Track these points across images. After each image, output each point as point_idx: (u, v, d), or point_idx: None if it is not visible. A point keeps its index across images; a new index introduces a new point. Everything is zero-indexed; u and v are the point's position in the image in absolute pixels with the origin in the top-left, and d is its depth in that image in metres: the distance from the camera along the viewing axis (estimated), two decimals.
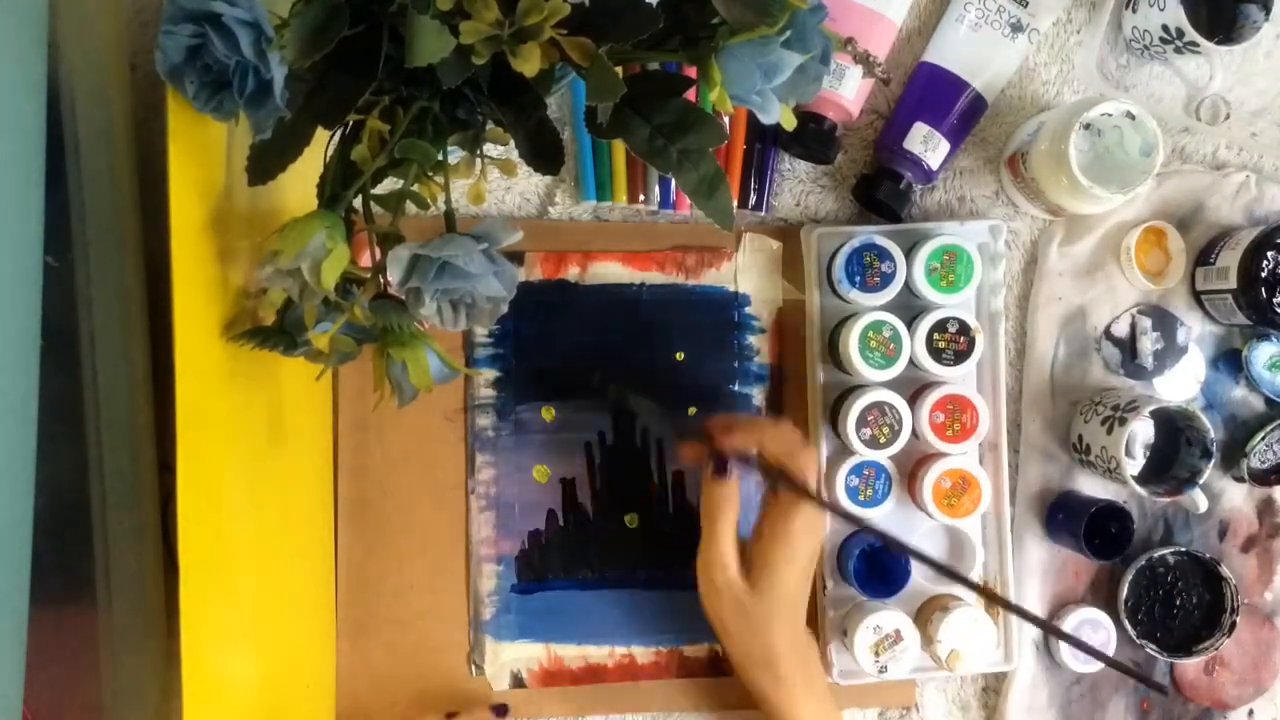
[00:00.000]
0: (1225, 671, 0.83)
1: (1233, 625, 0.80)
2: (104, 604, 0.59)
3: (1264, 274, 0.77)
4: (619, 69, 0.49)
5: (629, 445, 0.80)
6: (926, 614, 0.79)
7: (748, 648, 0.71)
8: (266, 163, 0.50)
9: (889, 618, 0.77)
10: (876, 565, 0.78)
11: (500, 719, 0.76)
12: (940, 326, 0.77)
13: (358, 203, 0.54)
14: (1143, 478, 0.79)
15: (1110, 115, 0.74)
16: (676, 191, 0.79)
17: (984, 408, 0.77)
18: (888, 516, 0.79)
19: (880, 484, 0.79)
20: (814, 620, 0.80)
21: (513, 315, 0.77)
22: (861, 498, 0.78)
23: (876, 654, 0.76)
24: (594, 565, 0.79)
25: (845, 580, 0.78)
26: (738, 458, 0.70)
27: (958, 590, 0.79)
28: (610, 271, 0.80)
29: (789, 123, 0.52)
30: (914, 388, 0.79)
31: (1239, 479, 0.83)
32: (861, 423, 0.76)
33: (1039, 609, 0.82)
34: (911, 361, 0.77)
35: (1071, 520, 0.79)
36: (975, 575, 0.80)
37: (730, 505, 0.71)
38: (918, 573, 0.79)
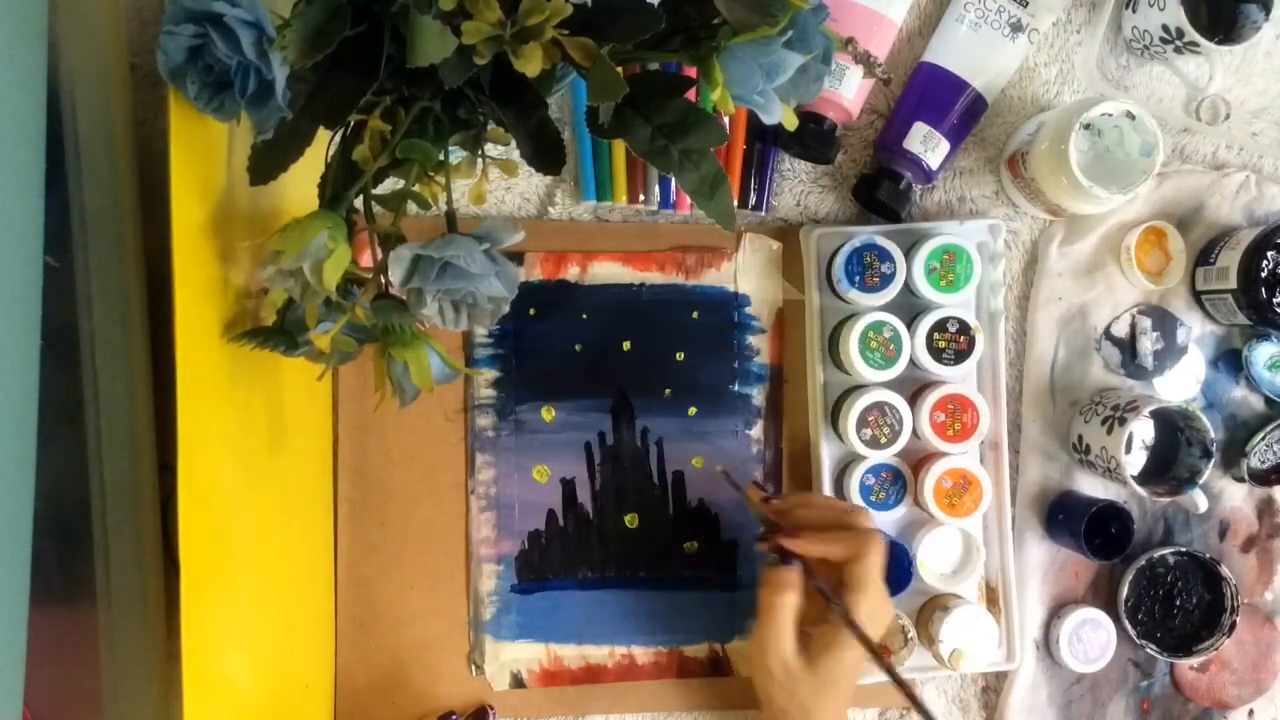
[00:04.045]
0: (1225, 671, 0.84)
1: (1233, 625, 0.80)
2: (104, 604, 0.59)
3: (1264, 274, 0.77)
4: (620, 69, 0.49)
5: (629, 445, 0.80)
6: (928, 614, 0.79)
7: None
8: (268, 163, 0.50)
9: None
10: None
11: None
12: (940, 326, 0.77)
13: (359, 203, 0.54)
14: (1143, 478, 0.79)
15: (1110, 115, 0.74)
16: (677, 191, 0.79)
17: (984, 407, 0.77)
18: (899, 520, 0.80)
19: (895, 490, 0.79)
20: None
21: (513, 315, 0.77)
22: (874, 499, 0.78)
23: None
24: (594, 565, 0.79)
25: None
26: (804, 566, 0.69)
27: (960, 588, 0.79)
28: (610, 271, 0.80)
29: (791, 123, 0.52)
30: (914, 387, 0.79)
31: (1239, 479, 0.83)
32: (862, 423, 0.76)
33: (1039, 609, 0.82)
34: (912, 361, 0.77)
35: (1071, 520, 0.79)
36: (978, 576, 0.80)
37: (793, 590, 0.68)
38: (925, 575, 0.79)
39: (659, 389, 0.80)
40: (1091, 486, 0.82)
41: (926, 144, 0.77)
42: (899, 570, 0.77)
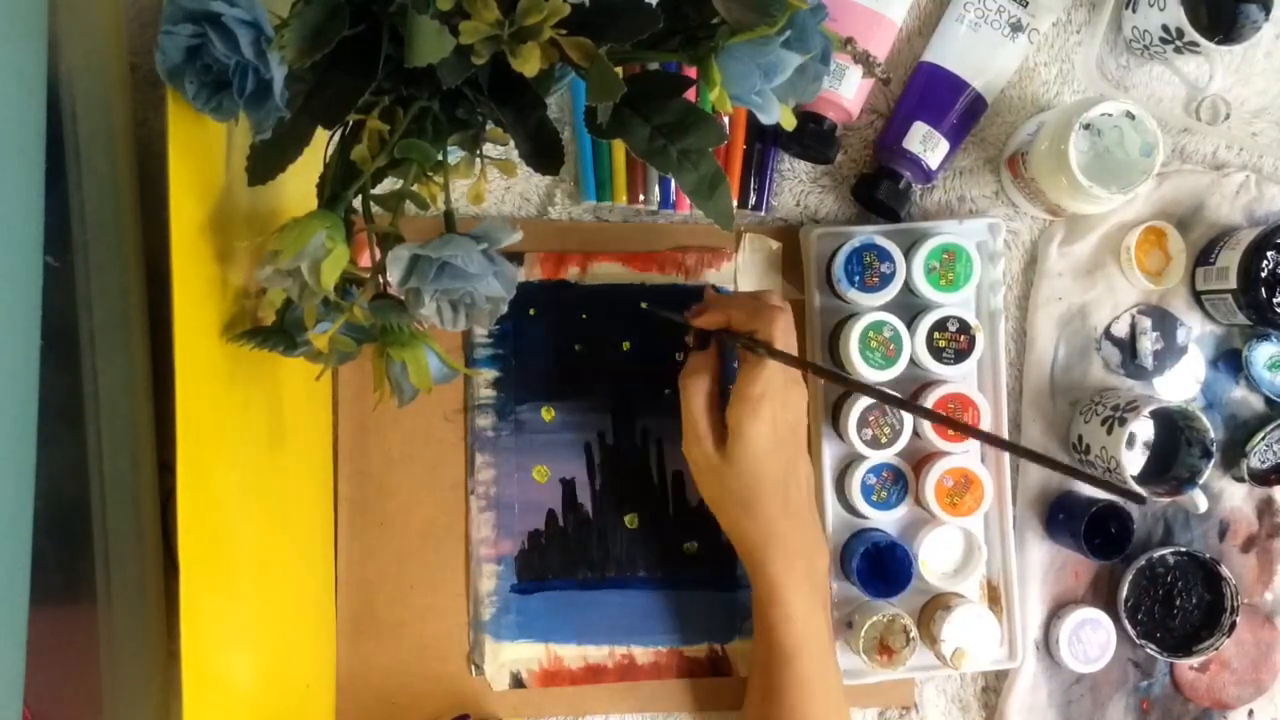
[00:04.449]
0: (1225, 671, 0.83)
1: (1233, 625, 0.80)
2: (104, 604, 0.59)
3: (1264, 274, 0.77)
4: (619, 69, 0.49)
5: (629, 445, 0.80)
6: (929, 613, 0.79)
7: (734, 521, 0.70)
8: (266, 163, 0.50)
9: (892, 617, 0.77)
10: (879, 565, 0.78)
11: None
12: (940, 325, 0.77)
13: (357, 203, 0.54)
14: (1143, 478, 0.79)
15: (1110, 115, 0.74)
16: (676, 191, 0.79)
17: (985, 406, 0.77)
18: (900, 519, 0.80)
19: (897, 489, 0.79)
20: None
21: (512, 315, 0.77)
22: (875, 499, 0.78)
23: (880, 653, 0.76)
24: (594, 565, 0.79)
25: (848, 579, 0.78)
26: (716, 331, 0.70)
27: (961, 587, 0.79)
28: (610, 271, 0.80)
29: (789, 123, 0.52)
30: (915, 387, 0.79)
31: (1239, 479, 0.83)
32: (862, 423, 0.76)
33: (1039, 609, 0.82)
34: (912, 361, 0.77)
35: (1071, 520, 0.79)
36: (980, 574, 0.80)
37: (703, 373, 0.69)
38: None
39: (659, 389, 0.80)
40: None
41: (926, 144, 0.77)
42: (900, 570, 0.77)
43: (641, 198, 0.78)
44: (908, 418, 0.76)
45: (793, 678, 0.70)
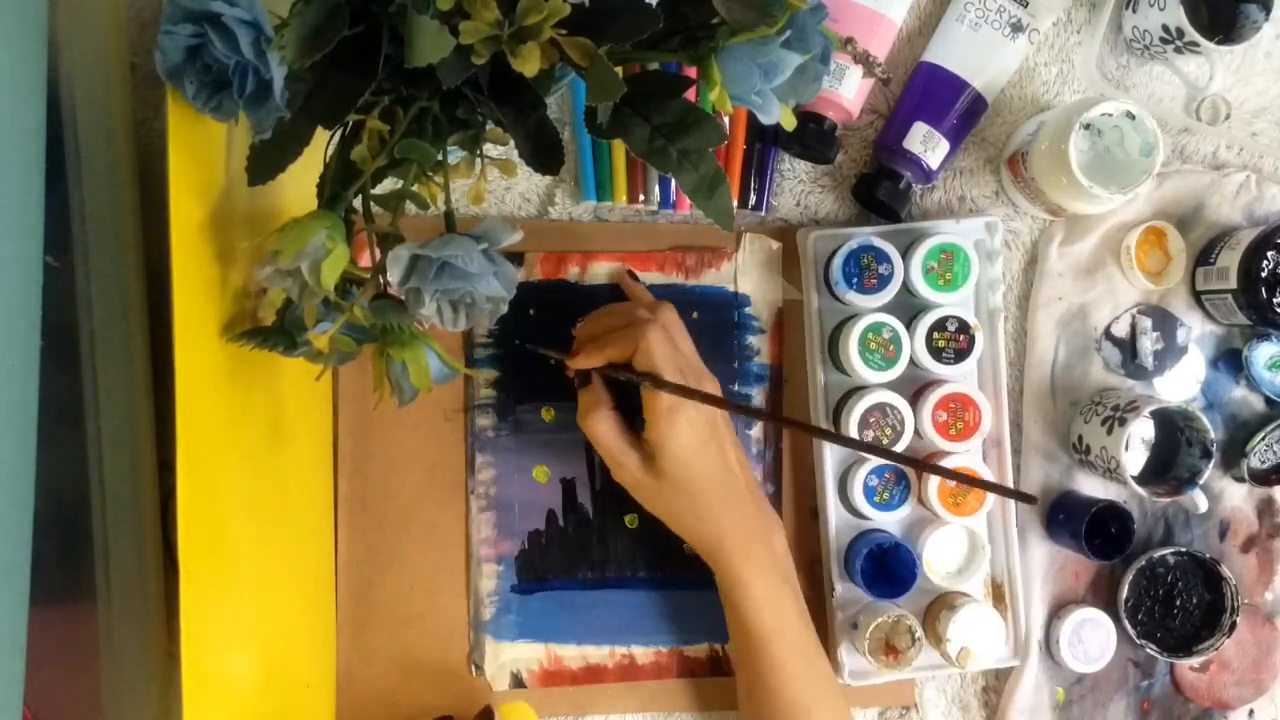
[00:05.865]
0: (1225, 671, 0.83)
1: (1233, 625, 0.80)
2: (104, 604, 0.59)
3: (1264, 274, 0.77)
4: (619, 69, 0.49)
5: None
6: (934, 613, 0.79)
7: (685, 527, 0.72)
8: (266, 163, 0.50)
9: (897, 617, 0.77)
10: (884, 566, 0.78)
11: None
12: (939, 325, 0.77)
13: (357, 203, 0.54)
14: (1143, 478, 0.79)
15: (1110, 115, 0.74)
16: (676, 191, 0.79)
17: (986, 405, 0.77)
18: (903, 520, 0.79)
19: (899, 490, 0.79)
20: (821, 618, 0.80)
21: (513, 315, 0.77)
22: (877, 500, 0.78)
23: (885, 653, 0.76)
24: (594, 565, 0.79)
25: (852, 581, 0.78)
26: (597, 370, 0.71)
27: (966, 586, 0.79)
28: (610, 271, 0.80)
29: (789, 123, 0.52)
30: (915, 387, 0.79)
31: (1239, 479, 0.83)
32: (864, 425, 0.76)
33: (1039, 609, 0.82)
34: (912, 361, 0.77)
35: (1071, 520, 0.79)
36: (984, 573, 0.80)
37: (598, 406, 0.70)
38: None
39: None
40: (1091, 486, 0.82)
41: (926, 144, 0.77)
42: (904, 570, 0.77)
43: (641, 198, 0.78)
44: (909, 419, 0.76)
45: (772, 663, 0.71)
